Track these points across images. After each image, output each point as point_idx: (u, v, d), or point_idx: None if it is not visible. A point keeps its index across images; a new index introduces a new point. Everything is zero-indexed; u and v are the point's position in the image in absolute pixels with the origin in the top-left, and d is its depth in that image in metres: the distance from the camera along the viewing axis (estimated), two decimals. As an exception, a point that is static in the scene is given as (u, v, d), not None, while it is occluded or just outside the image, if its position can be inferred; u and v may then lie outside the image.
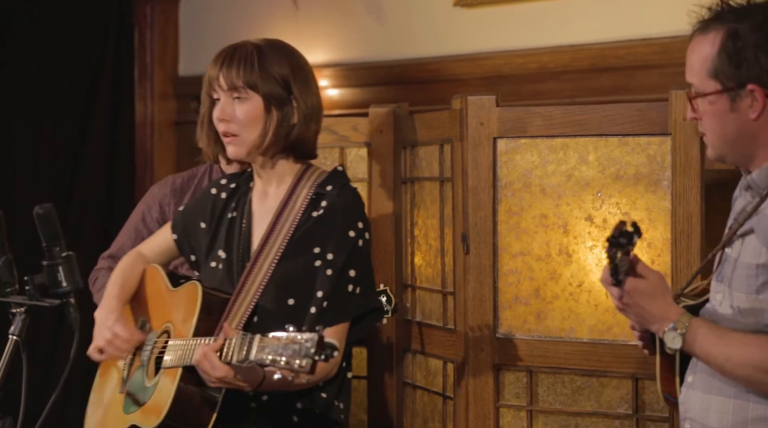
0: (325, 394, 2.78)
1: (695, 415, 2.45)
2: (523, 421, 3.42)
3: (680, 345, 2.35)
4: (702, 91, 2.38)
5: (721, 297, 2.42)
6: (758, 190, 2.39)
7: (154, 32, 5.37)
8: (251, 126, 2.76)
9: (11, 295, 2.45)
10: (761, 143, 2.37)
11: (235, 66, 2.76)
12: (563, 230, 3.36)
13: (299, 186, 2.81)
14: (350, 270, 2.73)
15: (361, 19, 4.59)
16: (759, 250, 2.32)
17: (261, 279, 2.76)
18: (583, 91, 3.95)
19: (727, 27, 2.34)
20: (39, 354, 4.65)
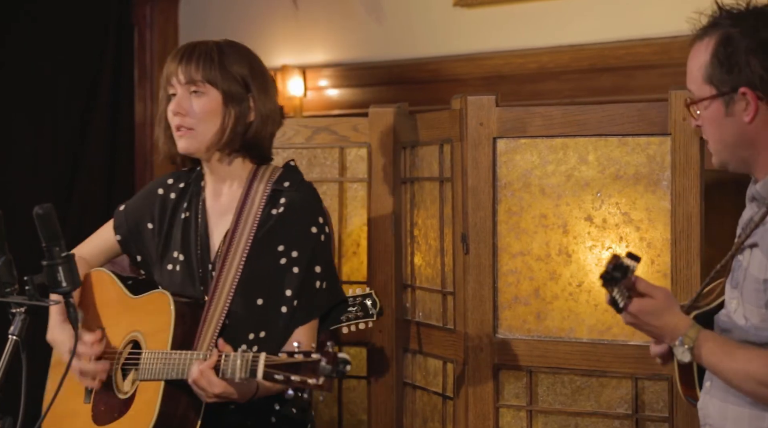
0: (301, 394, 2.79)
1: (713, 421, 2.46)
2: (523, 421, 3.43)
3: (689, 358, 2.37)
4: (698, 97, 2.40)
5: (736, 305, 2.42)
6: (762, 201, 2.39)
7: (153, 32, 5.38)
8: (208, 121, 2.74)
9: (11, 295, 2.45)
10: (760, 147, 2.37)
11: (195, 61, 2.74)
12: (563, 230, 3.36)
13: (254, 183, 2.79)
14: (316, 266, 2.73)
15: (360, 19, 4.59)
16: (765, 265, 2.33)
17: (231, 282, 2.74)
18: (583, 91, 3.96)
19: (720, 32, 2.36)
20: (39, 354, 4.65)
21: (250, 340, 2.71)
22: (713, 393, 2.46)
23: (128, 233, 2.94)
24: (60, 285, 2.43)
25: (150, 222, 2.90)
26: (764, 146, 2.36)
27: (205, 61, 2.74)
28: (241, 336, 2.70)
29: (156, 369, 2.67)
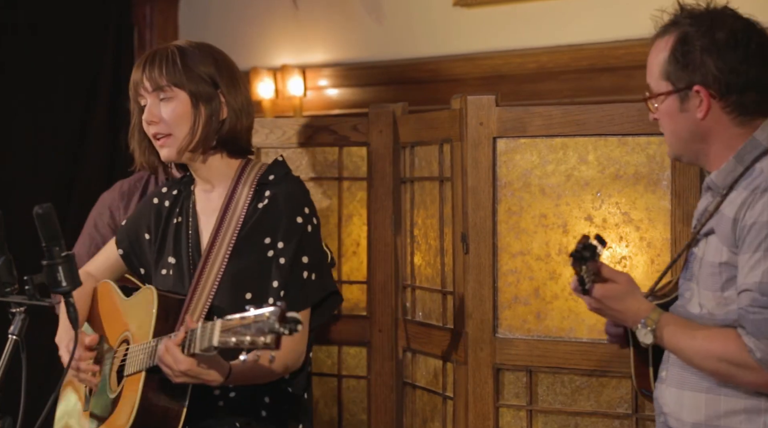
0: (292, 388, 2.77)
1: (670, 410, 2.55)
2: (523, 421, 3.43)
3: (651, 340, 2.46)
4: (655, 92, 2.52)
5: (690, 295, 2.53)
6: (717, 190, 2.49)
7: (153, 32, 5.38)
8: (180, 124, 2.73)
9: (11, 295, 2.45)
10: (712, 142, 2.49)
11: (157, 66, 2.74)
12: (563, 230, 3.36)
13: (241, 181, 2.79)
14: (303, 257, 2.71)
15: (360, 19, 4.59)
16: (720, 249, 2.43)
17: (214, 277, 2.73)
18: (583, 91, 3.96)
19: (679, 31, 2.48)
20: (38, 353, 4.65)
21: None
22: (669, 382, 2.55)
23: (129, 246, 2.95)
24: (60, 285, 2.43)
25: (147, 233, 2.91)
26: (715, 140, 2.48)
27: (168, 64, 2.73)
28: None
29: (137, 361, 2.68)
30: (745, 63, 2.43)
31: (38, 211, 2.42)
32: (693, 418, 2.48)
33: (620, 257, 3.29)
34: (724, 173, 2.47)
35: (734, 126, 2.47)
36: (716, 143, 2.48)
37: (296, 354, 2.70)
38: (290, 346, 2.67)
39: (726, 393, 2.44)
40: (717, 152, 2.49)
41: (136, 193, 3.77)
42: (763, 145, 2.45)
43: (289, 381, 2.77)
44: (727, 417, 2.44)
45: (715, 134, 2.47)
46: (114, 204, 3.77)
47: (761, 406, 2.42)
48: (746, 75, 2.43)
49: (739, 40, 2.44)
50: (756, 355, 2.35)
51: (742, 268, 2.38)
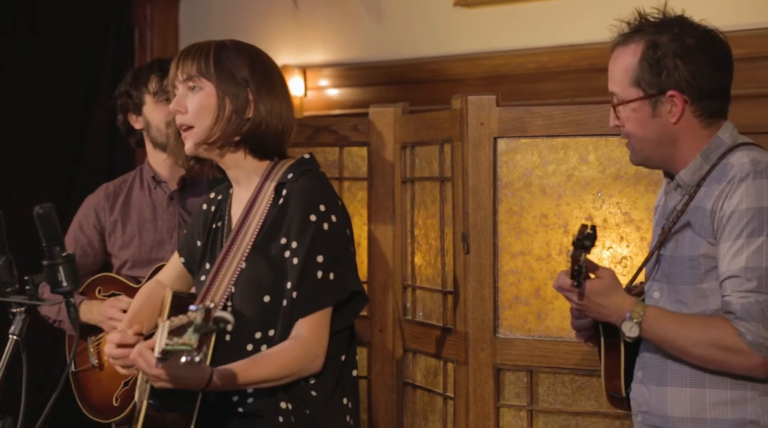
0: (316, 392, 2.67)
1: (650, 408, 2.57)
2: (524, 421, 3.42)
3: (637, 332, 2.48)
4: (624, 98, 2.55)
5: (659, 295, 2.56)
6: (687, 188, 2.54)
7: (153, 32, 5.38)
8: (204, 115, 2.71)
9: (11, 295, 2.45)
10: (681, 145, 2.53)
11: (191, 57, 2.74)
12: (563, 230, 3.37)
13: (267, 181, 2.75)
14: (317, 256, 2.63)
15: (361, 19, 4.59)
16: (698, 242, 2.48)
17: (229, 279, 2.70)
18: (583, 91, 3.96)
19: (647, 38, 2.51)
20: (39, 354, 4.66)
21: (257, 339, 2.66)
22: (647, 380, 2.58)
23: (188, 254, 2.94)
24: (60, 285, 2.43)
25: (199, 239, 2.90)
26: (683, 143, 2.53)
27: (200, 56, 2.73)
28: (247, 335, 2.66)
29: None
30: (713, 68, 2.50)
31: (39, 211, 2.41)
32: (678, 413, 2.51)
33: (621, 257, 3.29)
34: (692, 171, 2.52)
35: (701, 129, 2.53)
36: (684, 146, 2.53)
37: (307, 359, 2.62)
38: (298, 351, 2.61)
39: (711, 385, 2.47)
40: (684, 154, 2.53)
41: (121, 194, 3.79)
42: (727, 143, 2.52)
43: (313, 386, 2.67)
44: (713, 408, 2.47)
45: (684, 137, 2.52)
46: (99, 205, 3.79)
47: (747, 396, 2.46)
48: (715, 80, 2.50)
49: (706, 46, 2.50)
50: (747, 338, 2.38)
51: (724, 256, 2.42)
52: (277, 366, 2.61)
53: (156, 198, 3.76)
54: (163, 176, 3.76)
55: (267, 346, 2.64)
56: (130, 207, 3.77)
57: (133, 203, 3.78)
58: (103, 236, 3.78)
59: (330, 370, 2.68)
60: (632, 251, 3.27)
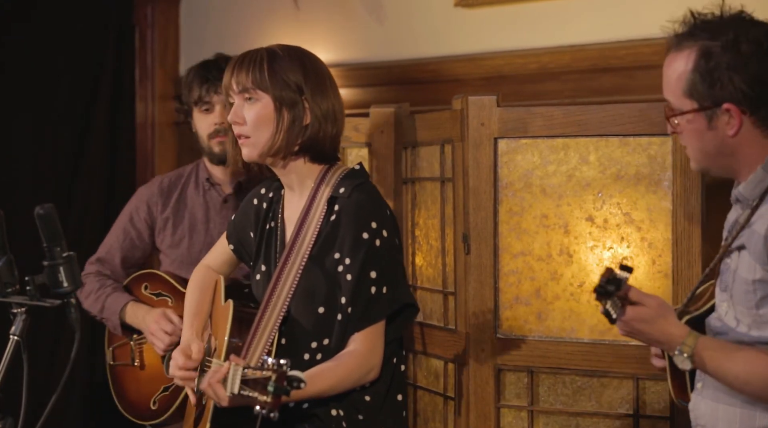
0: (370, 397, 2.74)
1: (705, 422, 2.50)
2: (524, 421, 3.42)
3: (690, 366, 2.40)
4: (679, 109, 2.43)
5: (727, 307, 2.46)
6: (746, 202, 2.44)
7: (154, 33, 5.37)
8: (262, 127, 2.74)
9: (12, 295, 2.45)
10: (741, 157, 2.42)
11: (245, 69, 2.75)
12: (564, 231, 3.36)
13: (320, 191, 2.78)
14: (371, 272, 2.69)
15: (361, 19, 4.59)
16: (753, 266, 2.37)
17: (287, 292, 2.74)
18: (584, 92, 3.95)
19: (699, 45, 2.38)
20: (39, 354, 4.65)
21: (313, 348, 2.73)
22: (705, 394, 2.50)
23: (238, 242, 2.98)
24: (61, 286, 2.43)
25: (252, 231, 2.93)
26: (744, 154, 2.41)
27: (255, 67, 2.74)
28: (304, 344, 2.73)
29: None
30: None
31: (39, 211, 2.41)
32: None
33: (621, 257, 3.29)
34: (753, 184, 2.42)
35: (763, 138, 2.41)
36: (745, 157, 2.42)
37: (364, 370, 2.69)
38: (354, 363, 2.68)
39: (762, 408, 2.39)
40: (746, 165, 2.42)
41: (176, 191, 3.77)
42: None
43: (366, 390, 2.73)
44: None
45: (744, 148, 2.41)
46: (152, 199, 3.77)
47: None
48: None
49: (765, 51, 2.36)
50: None
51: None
52: (336, 380, 2.68)
53: (210, 200, 3.74)
54: (217, 178, 3.75)
55: (322, 354, 2.71)
56: (184, 206, 3.76)
57: (186, 201, 3.76)
58: (153, 231, 3.76)
59: (383, 374, 2.75)
60: (633, 252, 3.27)
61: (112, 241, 3.79)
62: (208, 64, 3.74)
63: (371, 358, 2.69)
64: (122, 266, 3.76)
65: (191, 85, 3.69)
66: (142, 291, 3.69)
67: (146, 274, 3.73)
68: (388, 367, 2.77)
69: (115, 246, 3.77)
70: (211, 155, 3.71)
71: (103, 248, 3.82)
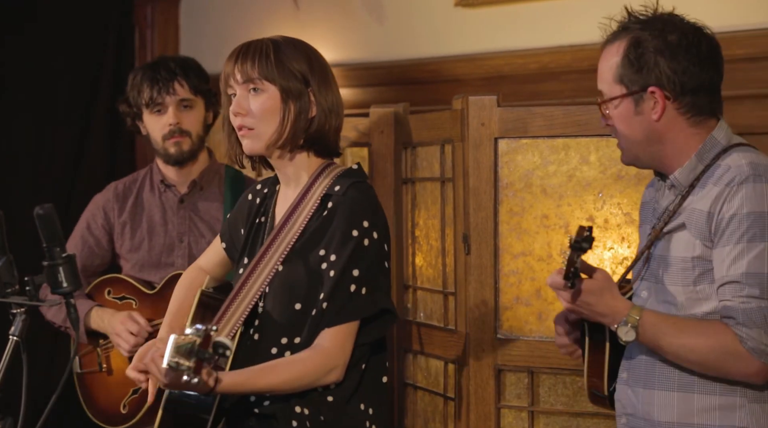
0: (333, 397, 2.66)
1: (634, 410, 2.55)
2: (525, 422, 3.42)
3: (633, 337, 2.44)
4: (609, 96, 2.54)
5: (647, 295, 2.54)
6: (680, 188, 2.52)
7: (154, 32, 5.37)
8: (268, 119, 2.68)
9: (11, 295, 2.44)
10: (669, 143, 2.51)
11: (250, 59, 2.69)
12: (565, 231, 3.36)
13: (314, 186, 2.73)
14: (353, 270, 2.62)
15: (361, 19, 4.59)
16: (692, 243, 2.46)
17: (261, 283, 2.69)
18: (585, 92, 3.94)
19: (630, 35, 2.51)
20: (39, 354, 4.65)
21: (283, 344, 2.65)
22: (633, 383, 2.56)
23: (230, 240, 2.92)
24: (61, 286, 2.43)
25: (243, 228, 2.88)
26: (671, 141, 2.51)
27: (261, 58, 2.68)
28: (273, 338, 2.66)
29: None
30: (697, 65, 2.47)
31: (39, 212, 2.41)
32: (665, 417, 2.49)
33: (622, 257, 3.29)
34: (687, 171, 2.50)
35: (689, 127, 2.50)
36: (672, 144, 2.51)
37: (324, 369, 2.61)
38: (315, 361, 2.61)
39: (699, 391, 2.45)
40: (673, 153, 2.51)
41: (131, 196, 3.74)
42: (722, 143, 2.50)
43: (330, 391, 2.66)
44: (701, 414, 2.46)
45: (670, 135, 2.50)
46: (108, 205, 3.75)
47: (736, 402, 2.44)
48: (699, 76, 2.47)
49: (690, 42, 2.47)
50: (748, 344, 2.37)
51: (722, 261, 2.40)
52: (290, 375, 2.60)
53: (166, 201, 3.71)
54: (172, 179, 3.72)
55: (291, 352, 2.64)
56: (141, 209, 3.72)
57: (143, 205, 3.73)
58: (112, 237, 3.73)
59: (349, 378, 2.67)
60: (634, 252, 3.27)
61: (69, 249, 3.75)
62: (155, 65, 3.67)
63: (336, 358, 2.61)
64: (83, 275, 3.69)
65: (140, 87, 3.61)
66: (106, 297, 3.65)
67: (108, 279, 3.69)
68: (355, 372, 2.68)
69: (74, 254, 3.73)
70: (167, 157, 3.65)
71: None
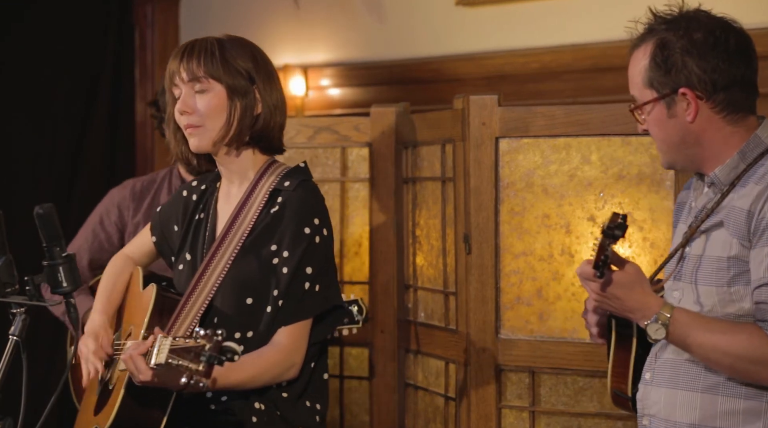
0: (287, 394, 2.72)
1: (657, 410, 2.49)
2: (526, 422, 3.42)
3: (664, 335, 2.39)
4: (641, 101, 2.48)
5: (679, 295, 2.47)
6: (720, 186, 2.46)
7: (154, 32, 5.38)
8: (214, 117, 2.70)
9: (11, 295, 2.44)
10: (706, 144, 2.45)
11: (196, 57, 2.70)
12: (566, 231, 3.36)
13: (260, 184, 2.76)
14: (307, 267, 2.67)
15: (362, 18, 4.59)
16: (729, 242, 2.38)
17: (215, 279, 2.71)
18: (586, 91, 3.95)
19: (656, 37, 2.45)
20: (39, 354, 4.65)
21: (236, 339, 2.68)
22: (657, 382, 2.50)
23: (161, 235, 2.94)
24: (61, 285, 2.42)
25: (176, 224, 2.90)
26: (709, 142, 2.44)
27: (206, 56, 2.70)
28: (227, 335, 2.63)
29: None
30: (726, 61, 2.41)
31: (39, 211, 2.41)
32: (687, 419, 2.43)
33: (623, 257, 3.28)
34: (728, 169, 2.44)
35: (726, 125, 2.44)
36: (710, 145, 2.44)
37: (285, 366, 2.67)
38: (276, 357, 2.66)
39: (724, 393, 2.40)
40: (712, 154, 2.45)
41: (148, 196, 3.72)
42: (766, 143, 2.44)
43: (283, 387, 2.73)
44: (724, 417, 2.39)
45: (707, 135, 2.44)
46: (124, 203, 3.73)
47: (762, 408, 2.38)
48: (729, 72, 2.41)
49: (717, 39, 2.42)
50: None
51: (761, 262, 2.33)
52: (256, 372, 2.65)
53: None
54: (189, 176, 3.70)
55: (244, 346, 2.66)
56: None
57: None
58: (123, 235, 3.71)
59: (301, 375, 2.73)
60: (635, 252, 3.26)
61: (80, 242, 3.74)
62: None
63: (294, 355, 2.67)
64: (89, 268, 3.68)
65: None
66: None
67: None
68: (306, 370, 2.73)
69: (84, 248, 3.72)
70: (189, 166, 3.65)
71: (71, 248, 3.77)
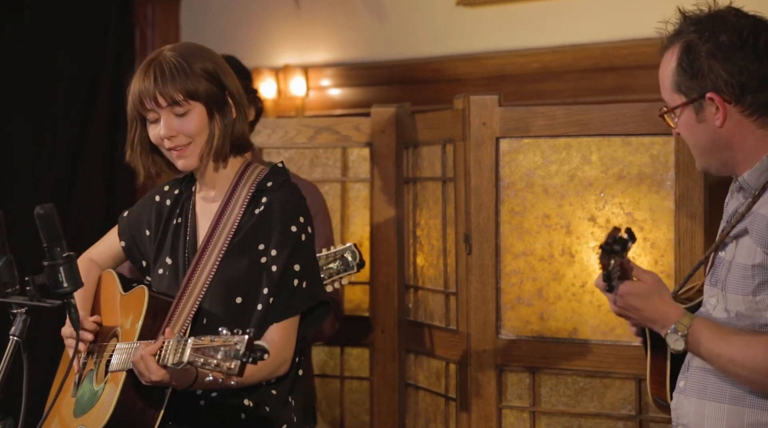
0: (276, 391, 2.75)
1: (689, 421, 2.45)
2: (526, 422, 3.41)
3: (683, 346, 2.34)
4: (671, 105, 2.42)
5: (715, 301, 2.42)
6: (750, 190, 2.40)
7: (154, 32, 5.37)
8: (200, 134, 2.72)
9: (12, 295, 2.44)
10: (737, 149, 2.38)
11: (170, 80, 2.68)
12: (566, 231, 3.35)
13: (239, 185, 2.78)
14: (295, 265, 2.70)
15: (362, 18, 4.59)
16: (754, 250, 2.33)
17: (204, 280, 2.73)
18: (586, 91, 3.95)
19: (683, 40, 2.39)
20: (39, 354, 4.64)
21: None
22: (689, 392, 2.45)
23: (131, 239, 2.96)
24: (61, 286, 2.42)
25: (147, 229, 2.91)
26: (740, 146, 2.38)
27: (180, 76, 2.68)
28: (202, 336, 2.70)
29: (121, 360, 2.69)
30: (755, 62, 2.33)
31: (39, 211, 2.40)
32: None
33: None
34: (758, 173, 2.38)
35: (757, 128, 2.36)
36: (741, 149, 2.38)
37: (277, 363, 2.69)
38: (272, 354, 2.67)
39: (751, 405, 2.34)
40: (744, 158, 2.39)
41: None
42: None
43: (273, 384, 2.75)
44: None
45: (738, 139, 2.37)
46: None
47: None
48: (759, 73, 2.34)
49: (744, 39, 2.34)
50: None
51: None
52: (251, 370, 2.64)
53: None
54: None
55: None
56: None
57: None
58: None
59: (289, 372, 2.76)
60: (635, 252, 3.26)
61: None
62: None
63: (285, 351, 2.70)
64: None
65: None
66: None
67: None
68: (292, 366, 2.77)
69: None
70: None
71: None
